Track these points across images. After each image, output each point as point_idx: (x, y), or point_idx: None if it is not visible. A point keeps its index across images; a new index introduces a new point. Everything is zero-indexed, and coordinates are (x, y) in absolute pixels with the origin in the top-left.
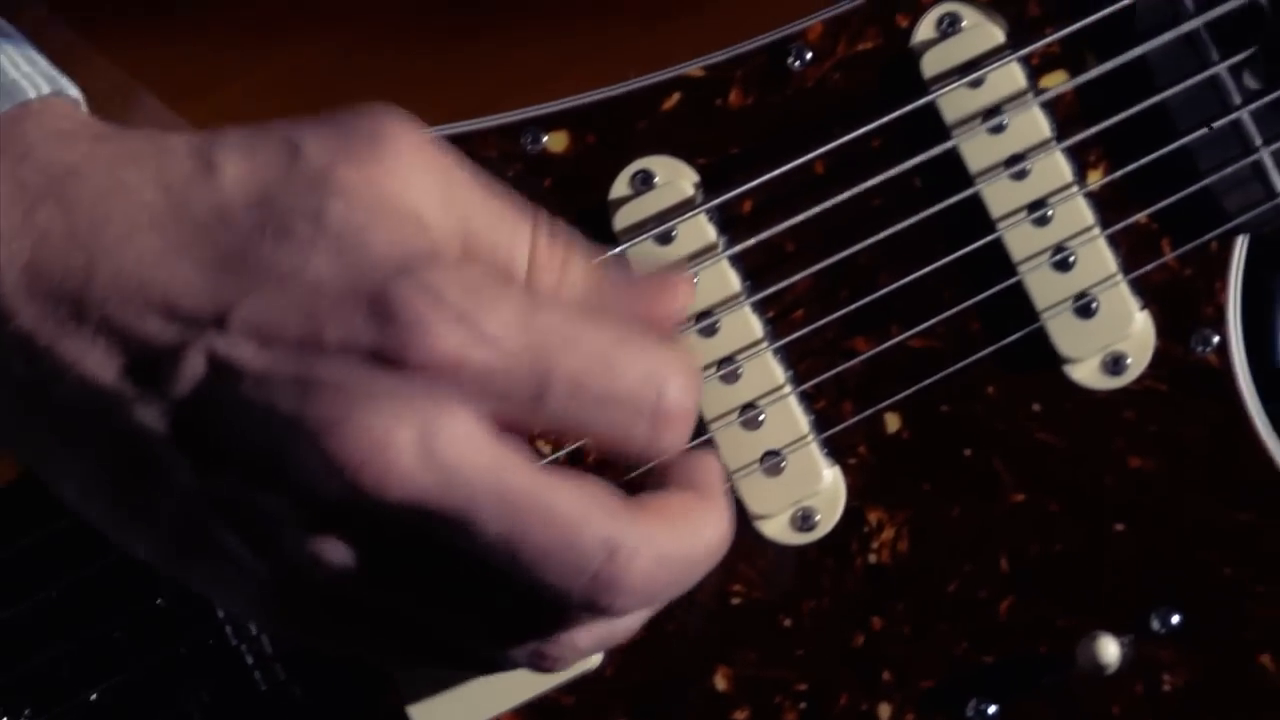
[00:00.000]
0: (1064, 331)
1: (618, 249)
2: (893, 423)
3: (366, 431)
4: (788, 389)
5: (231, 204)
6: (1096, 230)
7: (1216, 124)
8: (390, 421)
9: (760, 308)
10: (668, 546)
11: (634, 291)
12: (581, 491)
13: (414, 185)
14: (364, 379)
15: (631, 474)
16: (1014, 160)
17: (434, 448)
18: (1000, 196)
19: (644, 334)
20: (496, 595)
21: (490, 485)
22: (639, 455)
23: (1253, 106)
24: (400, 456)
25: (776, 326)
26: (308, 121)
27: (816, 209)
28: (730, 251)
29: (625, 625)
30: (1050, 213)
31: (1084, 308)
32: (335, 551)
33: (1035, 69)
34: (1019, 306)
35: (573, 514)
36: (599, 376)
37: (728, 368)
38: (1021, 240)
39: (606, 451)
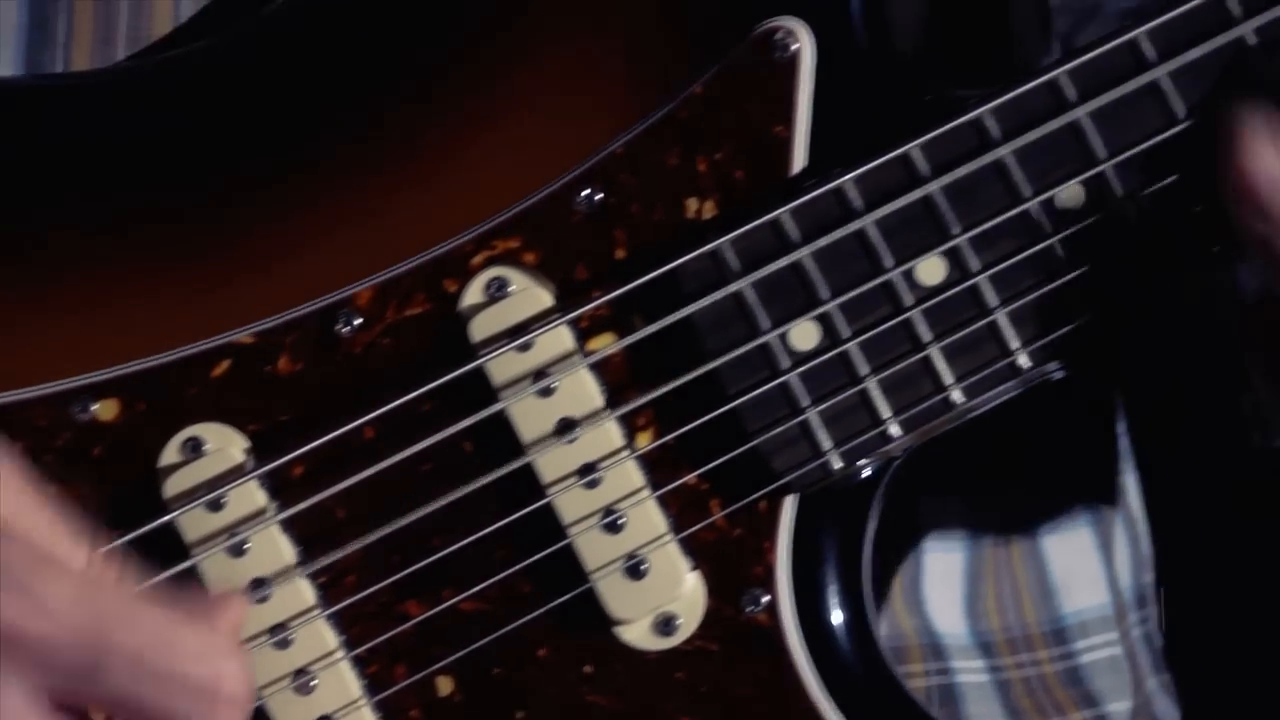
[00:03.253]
0: (614, 593)
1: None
2: (445, 686)
3: None
4: (340, 654)
5: None
6: (646, 492)
7: (764, 388)
8: None
9: (312, 574)
10: None
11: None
12: None
13: None
14: None
15: None
16: (564, 423)
17: None
18: (550, 460)
19: (199, 619)
20: None
21: None
22: None
23: (801, 369)
24: None
25: (328, 592)
26: None
27: (365, 474)
28: (280, 517)
29: None
30: (600, 475)
31: (634, 568)
32: None
33: (584, 331)
34: (570, 568)
35: None
36: (157, 653)
37: (280, 634)
38: (571, 503)
39: None
